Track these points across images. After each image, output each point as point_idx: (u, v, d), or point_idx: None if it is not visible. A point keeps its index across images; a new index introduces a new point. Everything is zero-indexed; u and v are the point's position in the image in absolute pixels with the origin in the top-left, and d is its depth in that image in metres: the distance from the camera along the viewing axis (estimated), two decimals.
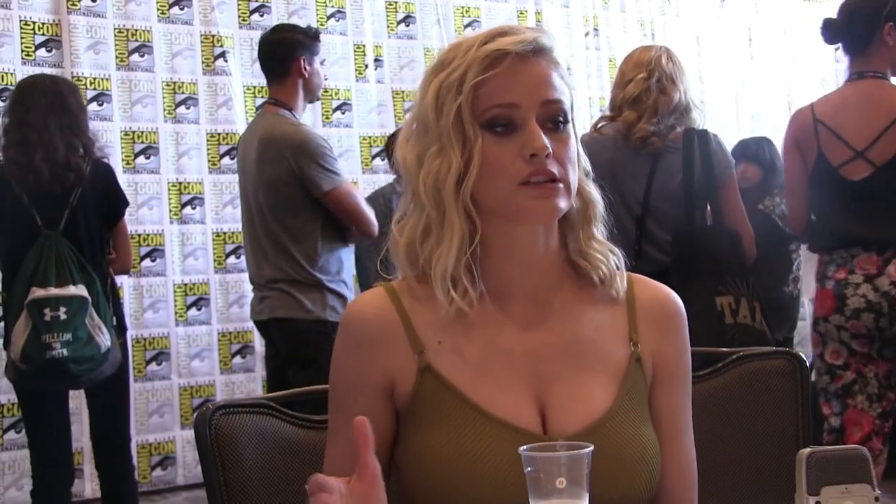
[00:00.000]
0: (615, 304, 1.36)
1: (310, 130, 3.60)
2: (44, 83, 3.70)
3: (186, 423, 5.20)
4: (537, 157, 1.25)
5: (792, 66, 7.25)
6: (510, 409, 1.27)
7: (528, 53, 1.28)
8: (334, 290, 3.58)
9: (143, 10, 5.26)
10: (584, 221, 1.35)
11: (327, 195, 3.52)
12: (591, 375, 1.31)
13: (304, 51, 3.71)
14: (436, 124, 1.29)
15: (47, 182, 3.48)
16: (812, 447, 1.05)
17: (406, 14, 6.00)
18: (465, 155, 1.27)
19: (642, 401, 1.34)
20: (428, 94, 1.30)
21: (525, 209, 1.27)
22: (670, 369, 1.37)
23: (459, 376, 1.29)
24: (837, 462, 1.03)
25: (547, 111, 1.28)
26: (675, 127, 3.28)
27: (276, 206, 3.58)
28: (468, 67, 1.27)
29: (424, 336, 1.31)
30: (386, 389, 1.32)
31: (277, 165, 3.53)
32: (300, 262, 3.55)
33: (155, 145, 5.26)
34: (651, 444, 1.31)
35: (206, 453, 1.39)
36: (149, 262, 5.21)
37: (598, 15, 6.61)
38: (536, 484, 1.06)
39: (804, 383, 1.62)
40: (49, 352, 3.38)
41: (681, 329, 1.39)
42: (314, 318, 3.54)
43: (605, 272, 1.35)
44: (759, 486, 1.59)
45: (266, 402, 1.47)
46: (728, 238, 3.24)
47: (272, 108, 3.74)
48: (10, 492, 4.82)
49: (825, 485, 1.01)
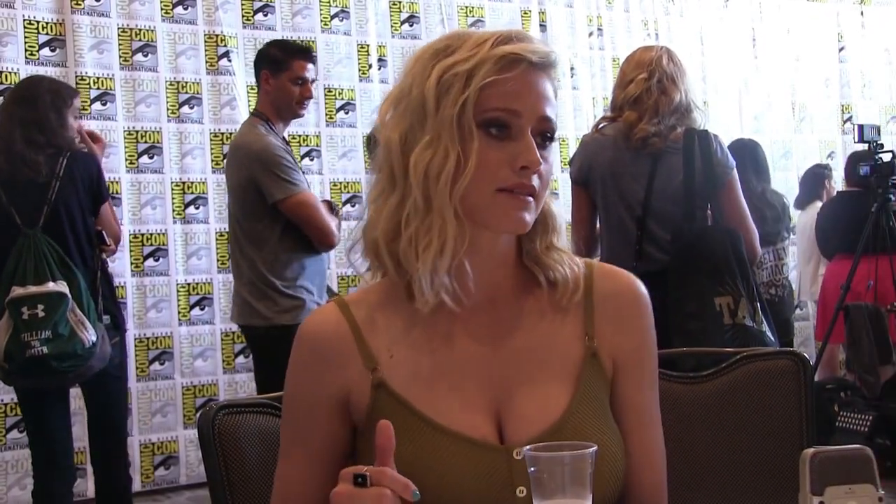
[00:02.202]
0: (570, 302, 1.34)
1: (270, 141, 3.64)
2: (24, 82, 3.81)
3: (189, 422, 5.20)
4: (527, 171, 1.24)
5: (795, 67, 7.25)
6: (465, 422, 1.26)
7: (541, 65, 1.27)
8: (290, 294, 3.63)
9: (147, 9, 5.26)
10: (543, 231, 1.34)
11: (281, 203, 3.58)
12: (547, 379, 1.30)
13: (269, 65, 3.78)
14: (434, 111, 1.25)
15: (11, 178, 3.47)
16: (816, 447, 1.05)
17: (410, 14, 6.00)
18: (465, 152, 1.24)
19: (600, 397, 1.32)
20: (431, 78, 1.26)
21: (497, 217, 1.25)
22: (632, 359, 1.35)
23: (413, 391, 1.28)
24: (841, 462, 1.03)
25: (541, 126, 1.27)
26: (675, 127, 3.28)
27: (239, 211, 3.70)
28: (480, 63, 1.24)
29: (377, 350, 1.30)
30: (341, 404, 1.31)
31: (239, 172, 3.65)
32: (258, 266, 3.64)
33: (158, 145, 5.26)
34: (613, 440, 1.29)
35: (209, 453, 1.40)
36: (152, 261, 5.22)
37: (602, 15, 6.61)
38: (540, 484, 1.06)
39: (808, 383, 1.62)
40: (29, 350, 3.38)
41: (639, 318, 1.36)
42: (269, 325, 3.61)
43: (560, 276, 1.33)
44: (762, 486, 1.59)
45: (269, 402, 1.47)
46: (728, 238, 3.24)
47: (253, 118, 3.83)
48: (13, 491, 4.83)
49: (829, 485, 1.01)
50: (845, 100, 7.41)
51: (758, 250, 3.36)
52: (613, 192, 3.31)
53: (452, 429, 1.25)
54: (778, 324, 4.79)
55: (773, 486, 1.57)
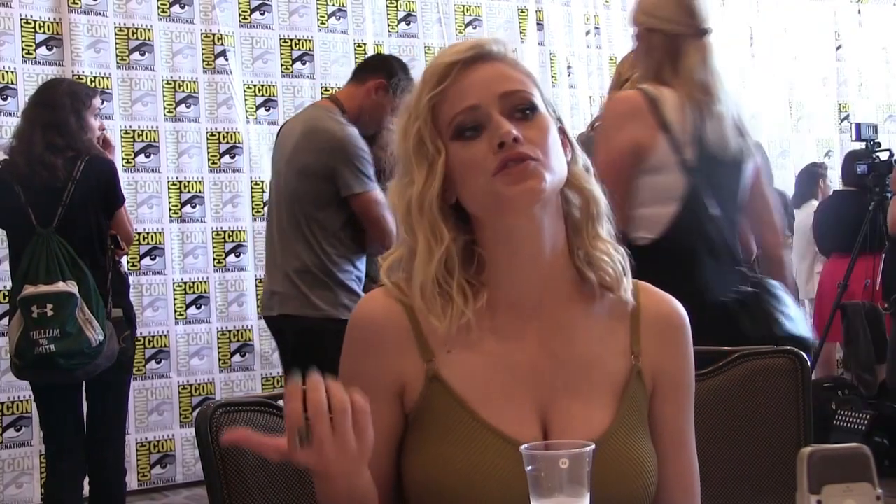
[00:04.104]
0: (619, 315, 1.35)
1: (354, 132, 3.52)
2: (46, 84, 3.86)
3: (186, 421, 5.20)
4: (505, 144, 1.24)
5: (793, 66, 7.26)
6: (514, 425, 1.27)
7: (473, 59, 1.30)
8: (347, 285, 3.52)
9: (144, 8, 5.26)
10: (588, 220, 1.33)
11: (355, 197, 3.48)
12: (592, 390, 1.31)
13: (388, 79, 3.56)
14: (403, 154, 1.32)
15: (29, 180, 3.56)
16: (813, 446, 1.05)
17: (407, 13, 6.00)
18: (432, 172, 1.29)
19: (641, 414, 1.33)
20: (398, 132, 1.33)
21: (505, 197, 1.25)
22: (672, 382, 1.36)
23: (467, 389, 1.28)
24: (839, 461, 1.03)
25: (509, 102, 1.28)
26: None
27: (301, 195, 3.53)
28: (422, 90, 1.30)
29: (434, 343, 1.30)
30: (396, 393, 1.31)
31: (313, 156, 3.50)
32: (317, 252, 3.49)
33: (155, 144, 5.26)
34: (650, 458, 1.30)
35: (206, 451, 1.39)
36: (148, 260, 5.21)
37: (599, 13, 6.61)
38: (537, 482, 1.06)
39: (805, 382, 1.62)
40: (37, 348, 3.47)
41: (684, 342, 1.38)
42: (324, 317, 3.48)
43: (612, 277, 1.33)
44: (760, 485, 1.59)
45: (267, 401, 1.47)
46: None
47: (327, 102, 3.74)
48: (9, 489, 4.82)
49: (826, 483, 1.01)
50: (842, 98, 7.42)
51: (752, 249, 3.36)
52: None
53: (502, 431, 1.26)
54: None
55: (770, 485, 1.57)
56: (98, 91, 4.03)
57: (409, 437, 1.31)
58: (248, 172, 5.43)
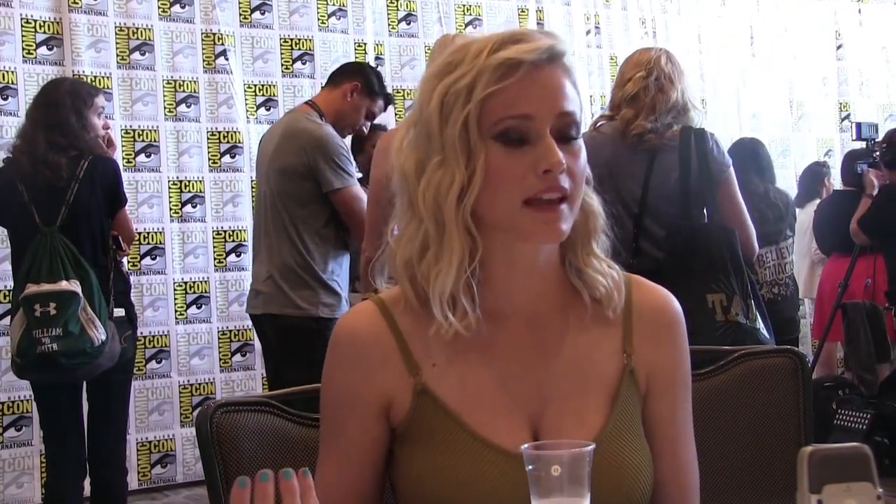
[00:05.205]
0: (611, 315, 1.32)
1: (331, 131, 3.68)
2: (49, 84, 3.87)
3: (186, 420, 5.20)
4: (551, 174, 1.19)
5: (793, 65, 7.25)
6: (504, 434, 1.25)
7: (544, 62, 1.22)
8: (328, 285, 3.63)
9: (144, 8, 5.26)
10: (584, 234, 1.30)
11: (335, 193, 3.60)
12: (584, 394, 1.29)
13: (365, 83, 3.82)
14: (439, 133, 1.22)
15: (32, 179, 3.57)
16: (814, 445, 1.05)
17: (407, 12, 6.00)
18: (470, 168, 1.21)
19: (635, 414, 1.31)
20: (433, 100, 1.23)
21: (526, 231, 1.22)
22: (667, 379, 1.34)
23: (456, 400, 1.27)
24: (839, 460, 1.03)
25: (562, 122, 1.22)
26: (672, 125, 3.29)
27: (284, 195, 3.65)
28: (478, 75, 1.20)
29: (419, 356, 1.28)
30: (382, 408, 1.29)
31: (293, 156, 3.62)
32: (300, 250, 3.61)
33: (155, 143, 5.26)
34: (644, 459, 1.29)
35: (207, 451, 1.39)
36: (149, 260, 5.21)
37: (600, 13, 6.61)
38: (537, 482, 1.05)
39: (805, 381, 1.62)
40: (39, 346, 3.46)
41: (677, 338, 1.35)
42: (305, 315, 3.58)
43: (602, 295, 1.31)
44: (760, 485, 1.59)
45: (267, 401, 1.46)
46: (723, 235, 3.24)
47: (304, 107, 3.85)
48: (10, 489, 4.82)
49: (827, 483, 1.01)
50: (843, 98, 7.42)
51: (754, 248, 3.36)
52: (611, 189, 3.31)
53: (491, 440, 1.25)
54: (782, 322, 4.81)
55: (770, 485, 1.57)
56: (101, 90, 4.02)
57: (400, 451, 1.30)
58: (249, 172, 5.42)
